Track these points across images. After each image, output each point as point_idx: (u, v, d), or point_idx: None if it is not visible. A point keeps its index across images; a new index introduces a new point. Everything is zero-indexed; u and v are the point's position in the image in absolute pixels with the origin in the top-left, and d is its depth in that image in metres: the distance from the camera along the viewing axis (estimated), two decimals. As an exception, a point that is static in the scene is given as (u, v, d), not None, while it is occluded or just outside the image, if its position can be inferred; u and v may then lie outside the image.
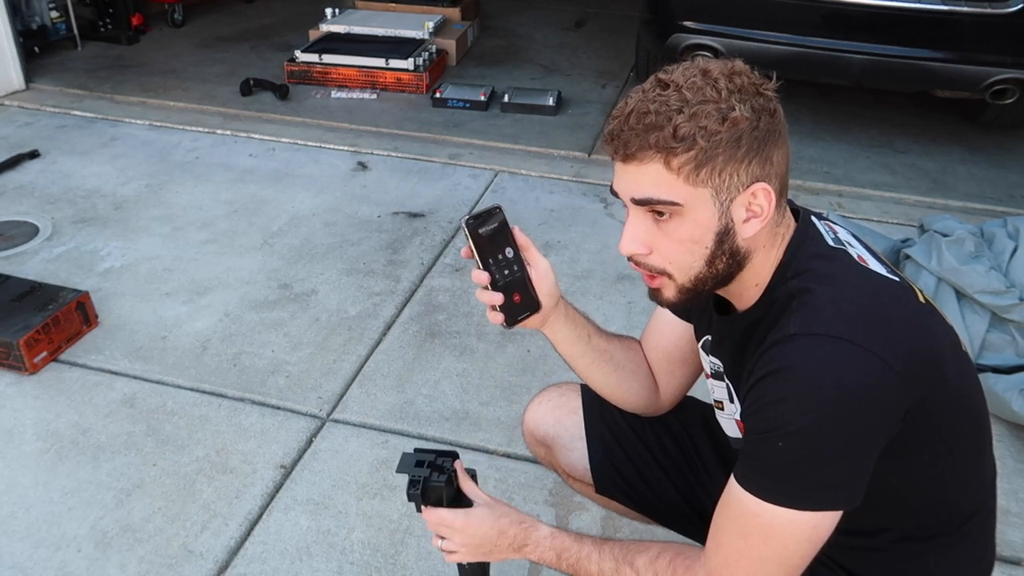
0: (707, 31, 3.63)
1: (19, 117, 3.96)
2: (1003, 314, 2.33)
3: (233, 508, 1.92)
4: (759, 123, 0.98)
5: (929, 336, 1.03)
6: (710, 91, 0.98)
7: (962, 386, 1.07)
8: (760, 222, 1.02)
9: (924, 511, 1.10)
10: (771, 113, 1.00)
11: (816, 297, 1.00)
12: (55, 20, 4.70)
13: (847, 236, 1.13)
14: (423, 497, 1.24)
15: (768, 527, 0.99)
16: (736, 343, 1.12)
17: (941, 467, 1.07)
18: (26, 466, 2.03)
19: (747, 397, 1.03)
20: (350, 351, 2.45)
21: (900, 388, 0.95)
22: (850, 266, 1.05)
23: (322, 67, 4.43)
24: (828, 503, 0.98)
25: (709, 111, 0.96)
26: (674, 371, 1.39)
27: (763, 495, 0.98)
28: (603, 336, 1.35)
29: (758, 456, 1.00)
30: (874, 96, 4.38)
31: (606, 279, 2.82)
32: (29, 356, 2.27)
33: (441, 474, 1.24)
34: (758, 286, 1.08)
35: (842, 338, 0.95)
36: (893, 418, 0.97)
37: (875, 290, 1.03)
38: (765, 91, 1.00)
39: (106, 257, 2.88)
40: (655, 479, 1.47)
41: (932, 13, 3.35)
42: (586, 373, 1.37)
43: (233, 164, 3.57)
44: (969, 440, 1.10)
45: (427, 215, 3.21)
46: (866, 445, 0.97)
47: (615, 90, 4.50)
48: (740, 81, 0.99)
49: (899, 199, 3.47)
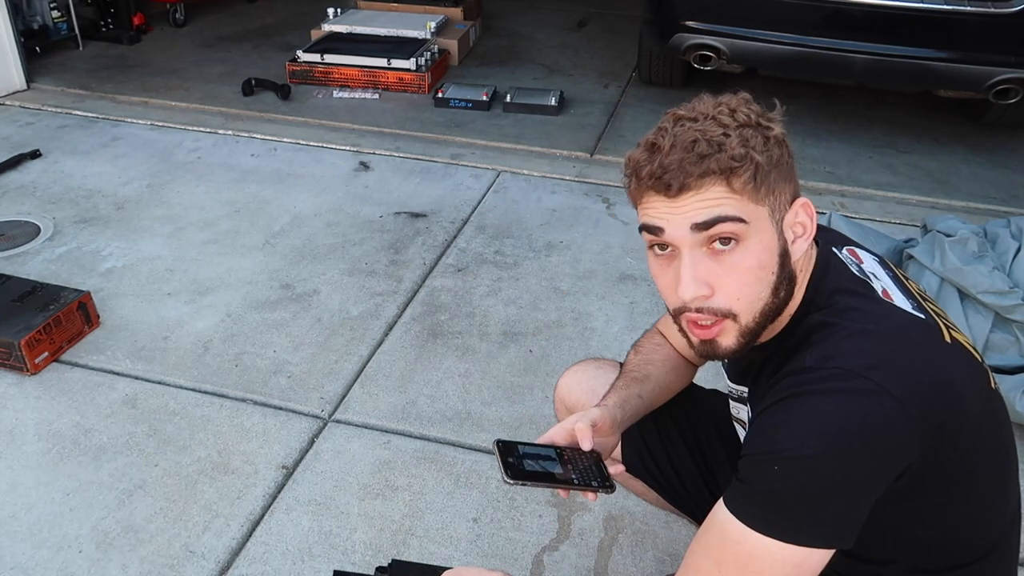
0: (709, 31, 3.63)
1: (21, 117, 3.96)
2: (1006, 314, 2.32)
3: (235, 508, 1.92)
4: (784, 146, 1.01)
5: (951, 378, 0.99)
6: (741, 116, 1.00)
7: (987, 426, 1.03)
8: (805, 240, 1.02)
9: (935, 547, 1.06)
10: (786, 143, 1.03)
11: (836, 331, 0.98)
12: (56, 20, 4.69)
13: (872, 266, 1.10)
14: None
15: (747, 556, 0.94)
16: (756, 373, 1.11)
17: (956, 508, 1.03)
18: (27, 466, 2.02)
19: (754, 423, 1.01)
20: (352, 351, 2.45)
21: (912, 434, 0.92)
22: (873, 301, 1.02)
23: (324, 67, 4.43)
24: (816, 539, 0.93)
25: (751, 133, 0.98)
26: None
27: (748, 521, 0.94)
28: (647, 381, 1.36)
29: (751, 480, 0.96)
30: (877, 96, 4.37)
31: (608, 279, 2.82)
32: (30, 356, 2.27)
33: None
34: (780, 317, 1.06)
35: (859, 374, 0.92)
36: (899, 461, 0.93)
37: (897, 328, 1.00)
38: (771, 119, 1.02)
39: (108, 257, 2.88)
40: (683, 464, 1.47)
41: (935, 13, 3.34)
42: (650, 410, 1.40)
43: (235, 164, 3.57)
44: (991, 480, 1.06)
45: (429, 215, 3.20)
46: (865, 485, 0.93)
47: (617, 90, 4.50)
48: (747, 113, 1.01)
49: (902, 199, 3.46)
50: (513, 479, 1.09)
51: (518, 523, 1.90)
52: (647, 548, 1.85)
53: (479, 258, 2.93)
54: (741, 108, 1.00)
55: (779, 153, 1.00)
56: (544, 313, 2.64)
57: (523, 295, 2.73)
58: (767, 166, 0.97)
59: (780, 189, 1.00)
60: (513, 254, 2.96)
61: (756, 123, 1.00)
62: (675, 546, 1.85)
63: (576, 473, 1.14)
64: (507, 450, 1.14)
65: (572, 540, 1.86)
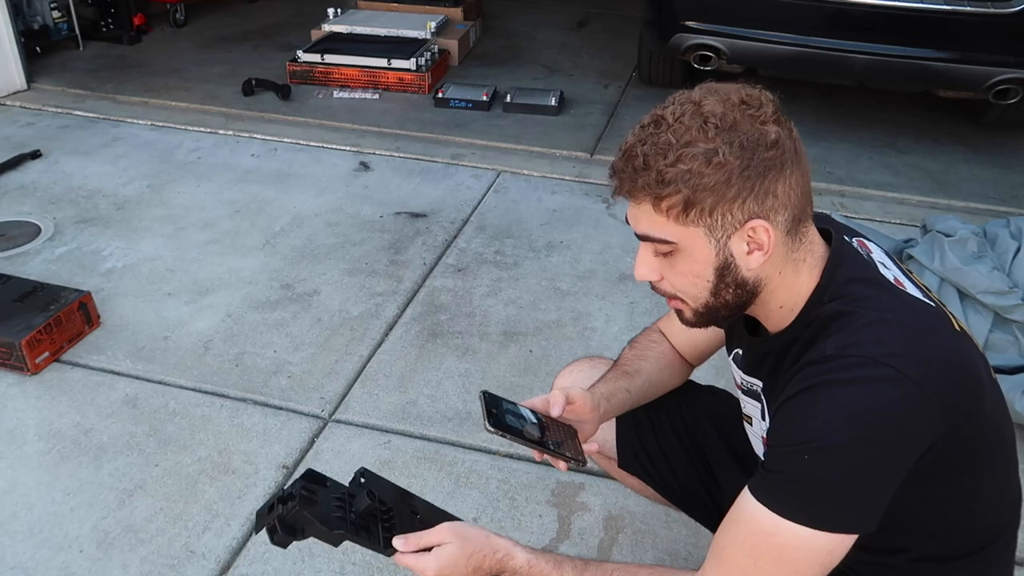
0: (709, 31, 3.63)
1: (21, 117, 3.96)
2: (1006, 314, 2.32)
3: (235, 508, 1.92)
4: (752, 160, 0.95)
5: (968, 364, 1.01)
6: (696, 132, 0.96)
7: (994, 414, 1.05)
8: (763, 255, 1.00)
9: (945, 534, 1.09)
10: (769, 145, 0.96)
11: (854, 320, 0.99)
12: (57, 20, 4.69)
13: (881, 256, 1.11)
14: (294, 533, 1.07)
15: (783, 548, 0.96)
16: (772, 364, 1.11)
17: (967, 495, 1.05)
18: (28, 466, 2.03)
19: (777, 413, 1.02)
20: (352, 351, 2.45)
21: (932, 416, 0.94)
22: (888, 290, 1.03)
23: (324, 67, 4.43)
24: (847, 525, 0.96)
25: (694, 154, 0.95)
26: (705, 354, 1.44)
27: (783, 512, 0.96)
28: (636, 376, 1.38)
29: (781, 470, 0.98)
30: (877, 96, 4.37)
31: (608, 279, 2.82)
32: (31, 356, 2.27)
33: (289, 501, 1.06)
34: (783, 308, 1.07)
35: (879, 361, 0.94)
36: (922, 445, 0.95)
37: (913, 315, 1.02)
38: (763, 124, 0.97)
39: (108, 257, 2.88)
40: (677, 460, 1.48)
41: (935, 13, 3.35)
42: (639, 405, 1.42)
43: (235, 164, 3.57)
44: (997, 468, 1.09)
45: (429, 215, 3.20)
46: (892, 469, 0.96)
47: (617, 90, 4.50)
48: (733, 117, 0.96)
49: (902, 199, 3.46)
50: (494, 427, 1.16)
51: (518, 523, 1.90)
52: (647, 548, 1.85)
53: (479, 258, 2.93)
54: (712, 119, 0.96)
55: (725, 176, 0.95)
56: (544, 313, 2.64)
57: (523, 295, 2.73)
58: (700, 192, 0.95)
59: (723, 211, 0.97)
60: (513, 254, 2.96)
61: (712, 139, 0.95)
62: (675, 546, 1.85)
63: (552, 441, 1.21)
64: (492, 402, 1.20)
65: (572, 540, 1.87)
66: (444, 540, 1.09)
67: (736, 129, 0.96)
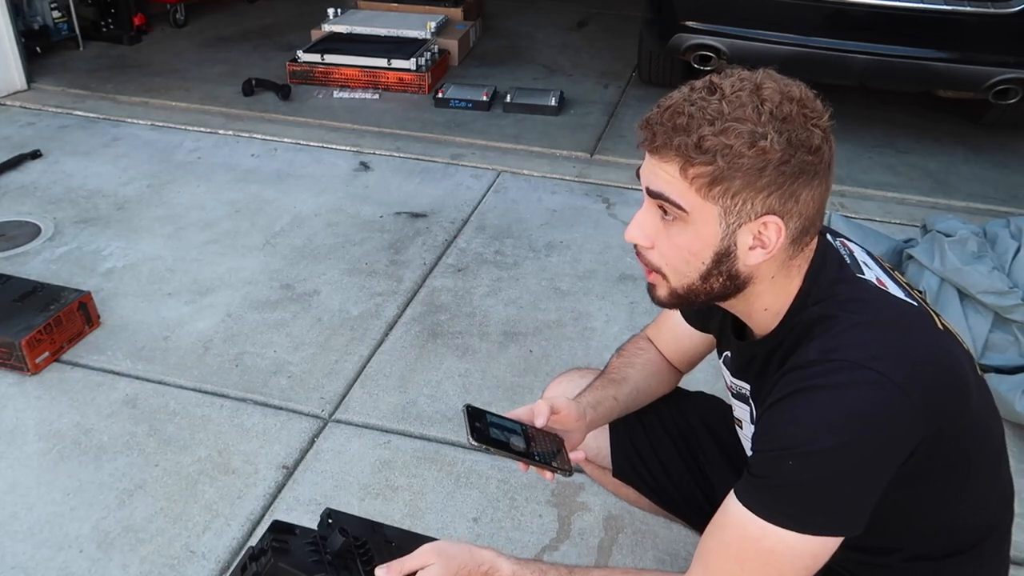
0: (710, 31, 3.63)
1: (21, 117, 3.96)
2: (1006, 314, 2.32)
3: (235, 508, 1.92)
4: (793, 157, 0.95)
5: (952, 365, 1.01)
6: (751, 111, 0.94)
7: (981, 412, 1.05)
8: (765, 253, 0.99)
9: (936, 533, 1.09)
10: (811, 150, 0.96)
11: (837, 323, 0.99)
12: (57, 20, 4.69)
13: (863, 256, 1.11)
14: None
15: (769, 552, 0.97)
16: (759, 368, 1.11)
17: (956, 494, 1.05)
18: (28, 466, 2.03)
19: (762, 418, 1.02)
20: (352, 351, 2.45)
21: (916, 419, 0.94)
22: (870, 291, 1.03)
23: (324, 67, 4.43)
24: (832, 528, 0.96)
25: (741, 131, 0.93)
26: (694, 361, 1.44)
27: (768, 516, 0.96)
28: (624, 383, 1.38)
29: (767, 475, 0.98)
30: (876, 96, 4.37)
31: (608, 279, 2.82)
32: (31, 356, 2.27)
33: (261, 557, 1.05)
34: (767, 311, 1.06)
35: (862, 365, 0.94)
36: (906, 448, 0.96)
37: (896, 316, 1.01)
38: (815, 127, 0.96)
39: (108, 257, 2.88)
40: (673, 467, 1.47)
41: (935, 13, 3.35)
42: (626, 413, 1.42)
43: (235, 164, 3.57)
44: (985, 465, 1.09)
45: (429, 215, 3.20)
46: (877, 472, 0.96)
47: (617, 90, 4.50)
48: (788, 109, 0.95)
49: (902, 199, 3.46)
50: (478, 441, 1.15)
51: (518, 523, 1.90)
52: (647, 548, 1.85)
53: (479, 258, 2.93)
54: (768, 103, 0.94)
55: (763, 163, 0.94)
56: (544, 313, 2.64)
57: (523, 295, 2.73)
58: (732, 171, 0.94)
59: (746, 197, 0.96)
60: (513, 254, 2.96)
61: (763, 124, 0.94)
62: (675, 546, 1.85)
63: (537, 452, 1.20)
64: (475, 415, 1.19)
65: (572, 540, 1.87)
66: (427, 562, 1.06)
67: (788, 122, 0.95)
